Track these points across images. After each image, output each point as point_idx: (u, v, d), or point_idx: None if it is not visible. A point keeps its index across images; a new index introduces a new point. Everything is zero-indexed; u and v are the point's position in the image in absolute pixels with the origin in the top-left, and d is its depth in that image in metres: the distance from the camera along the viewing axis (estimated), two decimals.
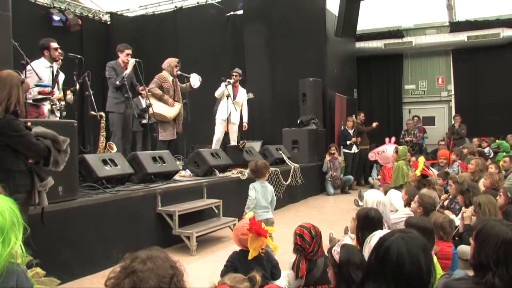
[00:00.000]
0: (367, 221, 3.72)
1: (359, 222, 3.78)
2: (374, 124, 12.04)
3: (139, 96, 8.56)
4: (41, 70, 6.29)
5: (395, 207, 5.65)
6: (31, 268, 2.05)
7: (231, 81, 9.06)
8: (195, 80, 8.03)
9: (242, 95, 9.36)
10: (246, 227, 3.63)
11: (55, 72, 6.52)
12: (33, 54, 6.41)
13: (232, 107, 8.93)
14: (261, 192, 5.36)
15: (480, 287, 2.15)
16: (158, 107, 7.55)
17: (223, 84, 8.92)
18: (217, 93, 9.14)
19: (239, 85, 9.38)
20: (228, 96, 8.72)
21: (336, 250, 2.88)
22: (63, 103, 6.03)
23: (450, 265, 4.03)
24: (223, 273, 3.34)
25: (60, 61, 6.76)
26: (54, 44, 6.64)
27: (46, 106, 6.12)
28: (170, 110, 7.70)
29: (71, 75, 6.36)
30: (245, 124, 9.55)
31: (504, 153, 9.81)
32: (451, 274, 3.01)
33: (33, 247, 2.27)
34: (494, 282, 2.10)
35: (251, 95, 9.99)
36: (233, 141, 9.27)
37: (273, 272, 3.75)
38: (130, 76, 7.50)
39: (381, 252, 2.07)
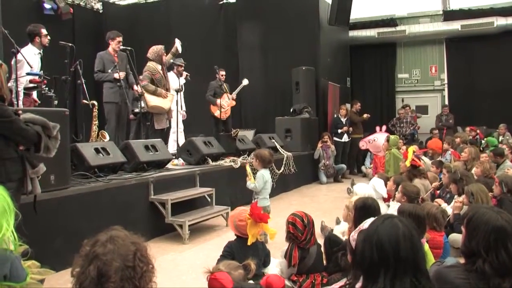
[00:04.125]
0: (365, 210, 3.68)
1: (357, 212, 3.72)
2: (365, 116, 12.02)
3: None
4: (31, 58, 6.24)
5: (380, 194, 5.86)
6: (26, 256, 2.03)
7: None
8: (178, 45, 7.98)
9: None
10: (243, 214, 3.64)
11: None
12: (24, 42, 6.35)
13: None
14: (269, 179, 5.54)
15: (471, 274, 2.16)
16: (153, 101, 7.55)
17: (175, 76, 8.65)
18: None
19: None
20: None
21: (353, 236, 2.80)
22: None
23: (442, 254, 4.06)
24: (219, 262, 3.35)
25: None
26: (45, 31, 6.60)
27: (34, 93, 6.12)
28: (165, 101, 7.70)
29: (62, 64, 6.31)
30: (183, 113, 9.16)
31: (492, 148, 9.73)
32: (443, 262, 3.03)
33: (26, 233, 2.25)
34: (485, 269, 2.11)
35: (246, 81, 9.99)
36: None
37: (265, 260, 3.82)
38: (125, 67, 7.47)
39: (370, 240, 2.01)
